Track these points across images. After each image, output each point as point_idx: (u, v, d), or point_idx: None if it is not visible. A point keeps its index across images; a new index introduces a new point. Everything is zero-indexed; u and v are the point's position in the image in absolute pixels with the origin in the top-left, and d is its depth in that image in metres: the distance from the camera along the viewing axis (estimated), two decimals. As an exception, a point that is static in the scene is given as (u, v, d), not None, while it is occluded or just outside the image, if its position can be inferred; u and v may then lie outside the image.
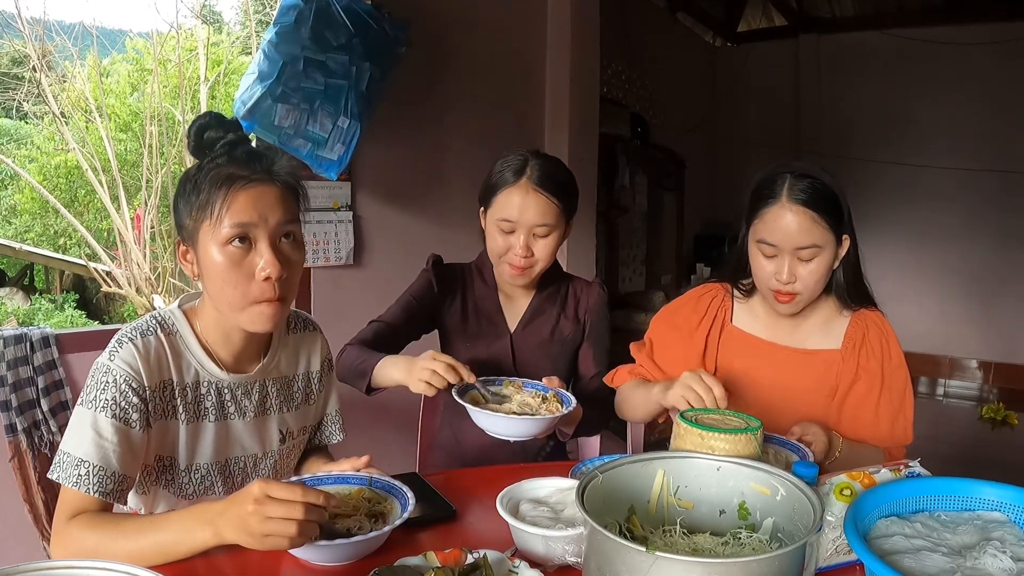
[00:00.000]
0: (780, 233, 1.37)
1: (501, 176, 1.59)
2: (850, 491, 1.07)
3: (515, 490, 1.19)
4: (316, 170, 2.34)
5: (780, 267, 1.39)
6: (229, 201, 1.09)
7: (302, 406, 1.36)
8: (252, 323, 1.16)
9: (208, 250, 1.11)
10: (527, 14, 3.48)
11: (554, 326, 1.73)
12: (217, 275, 1.12)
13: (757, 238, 1.41)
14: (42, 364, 2.04)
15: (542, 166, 1.58)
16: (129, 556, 0.99)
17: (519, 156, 1.60)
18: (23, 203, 6.15)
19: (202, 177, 1.11)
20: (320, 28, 2.22)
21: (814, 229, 1.35)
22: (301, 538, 0.95)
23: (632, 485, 0.97)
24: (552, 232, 1.59)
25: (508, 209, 1.56)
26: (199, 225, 1.12)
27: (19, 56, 5.57)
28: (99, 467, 1.07)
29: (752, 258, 1.45)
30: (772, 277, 1.40)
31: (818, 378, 1.49)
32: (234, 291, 1.12)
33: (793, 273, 1.38)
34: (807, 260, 1.38)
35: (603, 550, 0.80)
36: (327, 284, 2.70)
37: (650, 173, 5.46)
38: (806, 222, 1.35)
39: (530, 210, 1.55)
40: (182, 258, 1.18)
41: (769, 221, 1.38)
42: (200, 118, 1.16)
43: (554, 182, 1.57)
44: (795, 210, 1.35)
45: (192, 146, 1.17)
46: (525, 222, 1.56)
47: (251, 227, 1.11)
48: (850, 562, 1.05)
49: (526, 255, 1.57)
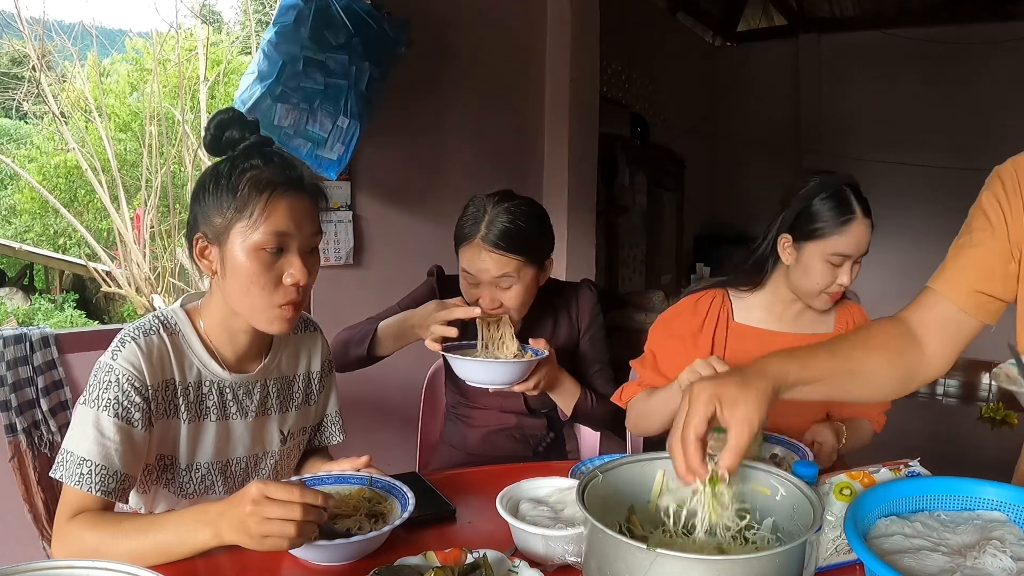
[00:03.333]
0: (855, 245, 1.46)
1: (463, 228, 1.57)
2: (850, 491, 1.07)
3: (515, 490, 1.19)
4: (316, 170, 2.34)
5: (843, 273, 1.48)
6: (269, 209, 1.10)
7: (302, 406, 1.36)
8: (271, 325, 1.17)
9: (238, 251, 1.12)
10: (527, 14, 3.48)
11: (549, 335, 1.75)
12: (244, 276, 1.12)
13: (833, 251, 1.46)
14: (42, 364, 2.04)
15: (500, 221, 1.53)
16: (130, 556, 0.99)
17: (479, 207, 1.56)
18: (23, 203, 6.15)
19: (237, 177, 1.12)
20: (320, 28, 2.22)
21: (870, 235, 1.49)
22: (300, 539, 0.95)
23: (632, 485, 0.97)
24: (516, 283, 1.57)
25: (468, 264, 1.57)
26: (232, 225, 1.11)
27: (19, 56, 5.58)
28: (101, 466, 1.07)
29: (812, 268, 1.49)
30: (834, 283, 1.48)
31: None
32: (260, 292, 1.13)
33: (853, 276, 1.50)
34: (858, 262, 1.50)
35: (603, 549, 0.80)
36: (327, 284, 2.69)
37: (650, 173, 5.46)
38: (870, 231, 1.48)
39: (486, 267, 1.54)
40: (199, 254, 1.16)
41: (850, 236, 1.46)
42: (221, 113, 1.16)
43: (510, 237, 1.52)
44: (866, 222, 1.47)
45: (210, 140, 1.16)
46: (484, 279, 1.56)
47: (287, 237, 1.13)
48: (850, 562, 1.05)
49: (493, 307, 1.58)
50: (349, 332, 1.69)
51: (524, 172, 3.51)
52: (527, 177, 3.51)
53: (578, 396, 1.67)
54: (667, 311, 1.66)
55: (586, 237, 3.72)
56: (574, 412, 1.67)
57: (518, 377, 1.48)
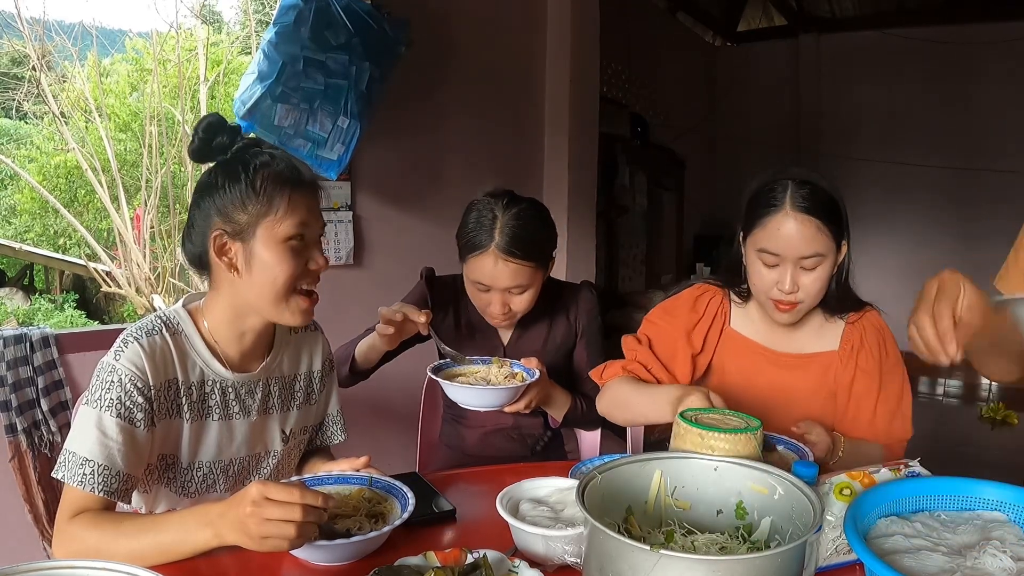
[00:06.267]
0: (783, 242, 1.33)
1: (472, 237, 1.54)
2: (850, 491, 1.07)
3: (515, 490, 1.19)
4: (316, 170, 2.34)
5: (783, 276, 1.35)
6: (293, 203, 1.17)
7: (303, 406, 1.36)
8: (294, 316, 1.21)
9: (269, 244, 1.16)
10: (527, 14, 3.48)
11: (547, 334, 1.75)
12: (276, 267, 1.16)
13: (758, 247, 1.36)
14: (42, 364, 2.04)
15: (512, 227, 1.51)
16: (130, 556, 1.00)
17: (489, 213, 1.53)
18: (23, 203, 6.14)
19: (254, 175, 1.15)
20: (320, 28, 2.22)
21: (818, 237, 1.32)
22: (299, 540, 0.95)
23: (630, 485, 0.97)
24: (528, 289, 1.57)
25: (480, 274, 1.55)
26: (259, 221, 1.15)
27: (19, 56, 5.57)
28: (104, 466, 1.08)
29: (751, 267, 1.41)
30: (773, 287, 1.36)
31: (817, 380, 1.49)
32: (287, 279, 1.17)
33: (796, 283, 1.34)
34: (810, 269, 1.34)
35: (605, 549, 0.80)
36: (327, 284, 2.64)
37: (650, 173, 5.46)
38: (810, 230, 1.31)
39: (501, 276, 1.53)
40: (220, 251, 1.17)
41: (771, 230, 1.34)
42: (208, 118, 1.18)
43: (524, 244, 1.52)
44: (799, 218, 1.31)
45: (198, 146, 1.17)
46: (498, 287, 1.55)
47: (308, 227, 1.20)
48: (850, 562, 1.05)
49: (504, 312, 1.58)
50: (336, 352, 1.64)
51: (524, 172, 3.51)
52: (527, 177, 3.51)
53: (568, 405, 1.68)
54: (668, 300, 1.59)
55: (586, 237, 3.72)
56: (565, 419, 1.69)
57: (508, 400, 1.49)
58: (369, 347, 1.61)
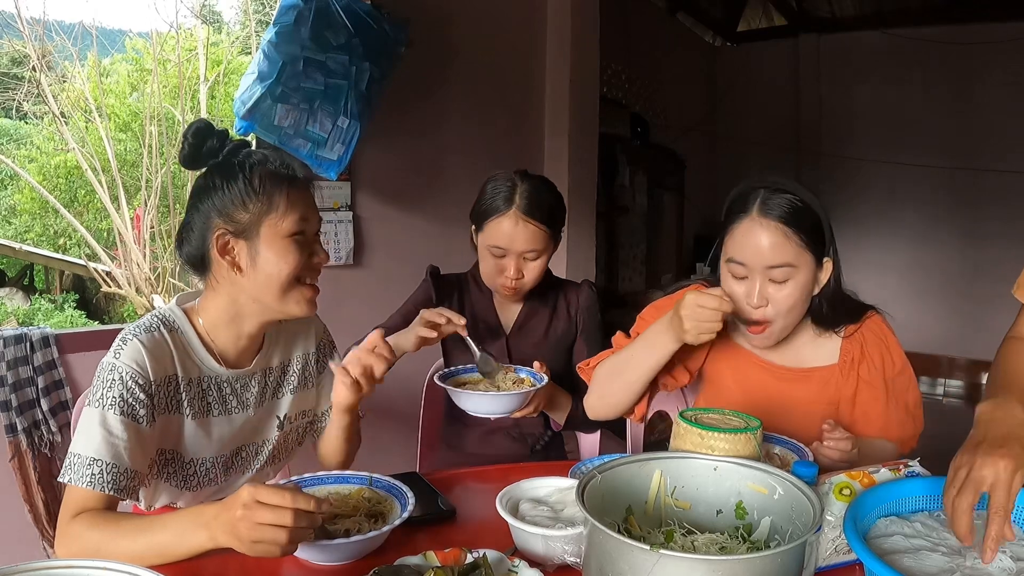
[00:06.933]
0: (749, 250, 1.27)
1: (491, 203, 1.63)
2: (849, 491, 1.07)
3: (515, 490, 1.19)
4: (316, 170, 2.34)
5: (751, 289, 1.29)
6: (292, 200, 1.20)
7: (299, 390, 1.38)
8: (299, 307, 1.24)
9: (273, 241, 1.18)
10: (527, 14, 3.48)
11: (547, 327, 1.78)
12: (282, 262, 1.19)
13: (727, 257, 1.31)
14: (42, 364, 2.04)
15: (530, 193, 1.61)
16: (129, 555, 1.00)
17: (508, 182, 1.63)
18: (23, 203, 6.15)
19: (251, 174, 1.18)
20: (320, 28, 2.22)
21: (787, 246, 1.26)
22: (291, 545, 0.94)
23: (630, 485, 0.97)
24: (541, 256, 1.65)
25: (498, 237, 1.62)
26: (262, 219, 1.18)
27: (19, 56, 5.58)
28: (112, 464, 1.08)
29: (723, 281, 1.35)
30: (742, 301, 1.30)
31: (816, 392, 1.45)
32: (291, 273, 1.20)
33: (764, 296, 1.28)
34: (780, 282, 1.28)
35: (605, 549, 0.80)
36: (327, 283, 2.64)
37: (650, 173, 5.46)
38: (777, 238, 1.25)
39: (519, 239, 1.61)
40: (222, 250, 1.19)
41: (738, 237, 1.29)
42: (196, 124, 1.20)
43: (542, 209, 1.62)
44: (765, 224, 1.26)
45: (189, 151, 1.19)
46: (515, 250, 1.62)
47: (308, 223, 1.23)
48: (850, 562, 1.05)
49: (517, 277, 1.64)
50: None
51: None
52: (527, 177, 3.51)
53: (570, 408, 1.70)
54: (661, 298, 1.55)
55: (586, 237, 3.72)
56: (566, 422, 1.72)
57: (518, 405, 1.52)
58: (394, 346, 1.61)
